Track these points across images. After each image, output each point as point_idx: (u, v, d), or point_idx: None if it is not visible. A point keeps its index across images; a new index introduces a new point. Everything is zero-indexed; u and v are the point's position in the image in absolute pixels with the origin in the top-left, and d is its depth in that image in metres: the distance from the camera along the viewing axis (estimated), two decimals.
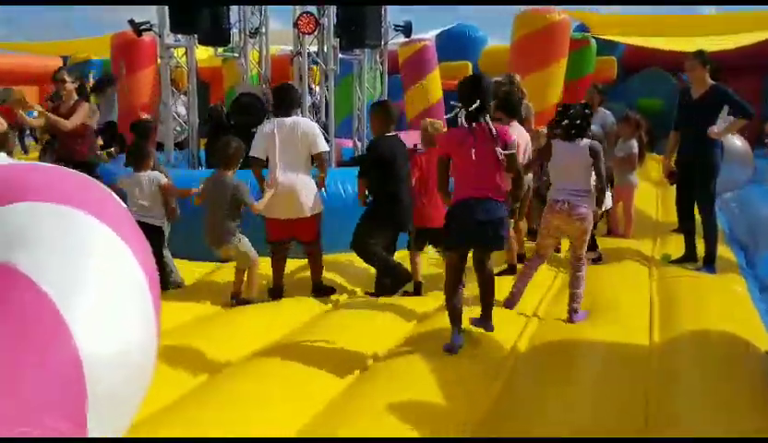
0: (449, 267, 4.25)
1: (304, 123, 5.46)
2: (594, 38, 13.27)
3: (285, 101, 5.46)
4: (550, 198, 4.99)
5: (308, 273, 5.69)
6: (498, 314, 4.46)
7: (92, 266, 2.13)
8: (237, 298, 5.31)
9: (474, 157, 4.00)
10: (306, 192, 5.31)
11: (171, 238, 5.81)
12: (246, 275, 5.37)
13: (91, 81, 11.39)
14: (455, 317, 4.17)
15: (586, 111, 4.89)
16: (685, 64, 6.15)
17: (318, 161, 5.43)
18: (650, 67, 15.71)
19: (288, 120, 5.35)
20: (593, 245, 6.29)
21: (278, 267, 5.50)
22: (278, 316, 4.93)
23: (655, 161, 9.81)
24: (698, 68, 6.01)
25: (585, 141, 4.87)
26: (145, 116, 8.67)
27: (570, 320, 4.85)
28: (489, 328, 4.33)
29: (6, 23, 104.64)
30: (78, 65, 16.84)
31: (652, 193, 8.34)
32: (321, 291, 5.49)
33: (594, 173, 4.87)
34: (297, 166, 5.30)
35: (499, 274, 6.01)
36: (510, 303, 5.02)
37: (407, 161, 5.48)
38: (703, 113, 5.92)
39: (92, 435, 1.90)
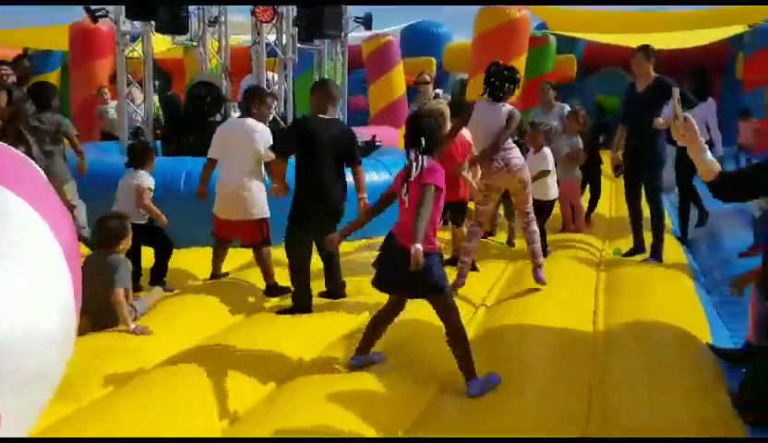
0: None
1: (253, 125, 5.26)
2: (554, 35, 13.45)
3: (244, 102, 5.46)
4: (484, 161, 5.21)
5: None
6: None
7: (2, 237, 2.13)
8: None
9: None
10: (248, 195, 5.21)
11: None
12: None
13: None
14: (366, 340, 3.87)
15: (507, 72, 5.10)
16: (632, 59, 6.32)
17: (270, 170, 5.33)
18: (609, 66, 15.99)
19: (239, 121, 5.34)
20: (543, 238, 6.42)
21: (217, 257, 5.52)
22: (210, 314, 4.74)
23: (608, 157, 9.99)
24: (643, 63, 6.18)
25: (507, 106, 5.14)
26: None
27: (537, 277, 5.18)
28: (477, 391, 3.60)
29: None
30: (37, 53, 16.47)
31: (604, 187, 8.48)
32: (274, 291, 5.27)
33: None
34: (243, 168, 5.21)
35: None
36: (460, 281, 5.15)
37: (340, 149, 4.78)
38: (648, 106, 6.07)
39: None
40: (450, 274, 4.58)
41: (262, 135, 5.21)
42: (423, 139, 3.55)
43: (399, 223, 3.65)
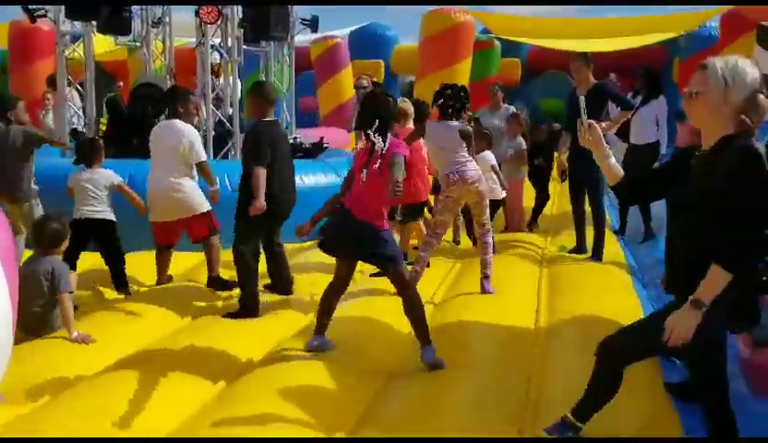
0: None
1: (178, 126, 5.29)
2: (499, 39, 13.71)
3: (169, 103, 5.51)
4: (441, 175, 5.39)
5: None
6: (393, 302, 4.45)
7: None
8: None
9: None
10: (182, 195, 5.24)
11: None
12: None
13: None
14: (320, 320, 4.09)
15: (462, 93, 5.24)
16: (570, 65, 6.52)
17: (200, 172, 5.37)
18: (552, 70, 16.36)
19: (166, 123, 5.40)
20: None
21: (161, 262, 5.51)
22: (158, 313, 4.75)
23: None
24: (582, 69, 6.38)
25: (456, 123, 5.30)
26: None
27: (483, 288, 5.26)
28: (431, 358, 3.90)
29: None
30: None
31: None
32: (217, 284, 5.36)
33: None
34: (172, 170, 5.24)
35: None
36: None
37: (284, 150, 4.99)
38: (588, 111, 6.22)
39: None
40: None
41: (188, 136, 5.25)
42: (378, 120, 3.83)
43: (353, 197, 3.92)
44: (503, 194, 6.98)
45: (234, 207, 4.89)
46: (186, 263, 6.00)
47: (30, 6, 7.58)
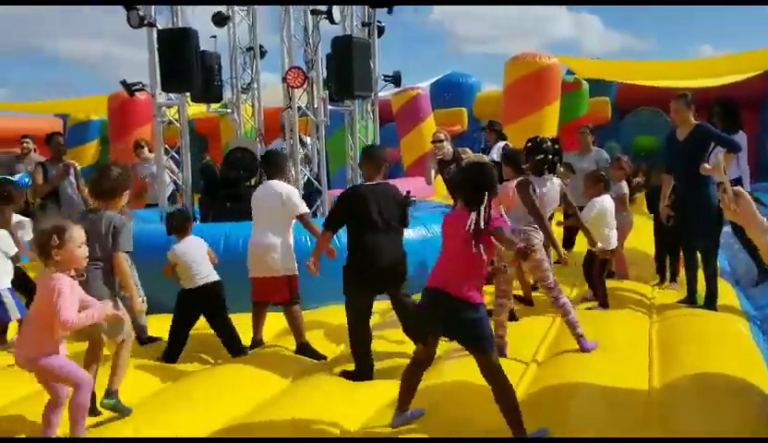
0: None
1: (279, 187, 5.43)
2: (587, 80, 13.42)
3: (268, 166, 5.64)
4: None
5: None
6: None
7: None
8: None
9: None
10: (275, 254, 5.31)
11: None
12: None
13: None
14: (404, 395, 3.89)
15: (556, 146, 4.99)
16: (670, 106, 6.18)
17: (302, 224, 5.45)
18: (643, 107, 15.85)
19: (266, 184, 5.52)
20: (603, 290, 6.27)
21: (257, 322, 5.57)
22: (256, 375, 4.80)
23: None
24: (682, 110, 6.02)
25: (558, 181, 4.98)
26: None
27: (582, 348, 4.89)
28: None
29: (5, 84, 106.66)
30: (77, 125, 17.04)
31: (648, 230, 8.21)
32: (306, 351, 5.32)
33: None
34: (270, 228, 5.36)
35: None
36: (501, 352, 4.95)
37: (391, 210, 4.85)
38: (691, 155, 5.90)
39: None
40: None
41: (287, 192, 5.37)
42: (487, 193, 3.59)
43: (444, 272, 3.68)
44: (614, 245, 6.51)
45: (321, 266, 5.03)
46: (276, 327, 5.99)
47: (127, 81, 7.96)
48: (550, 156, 5.00)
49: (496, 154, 7.97)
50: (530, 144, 5.14)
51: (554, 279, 5.12)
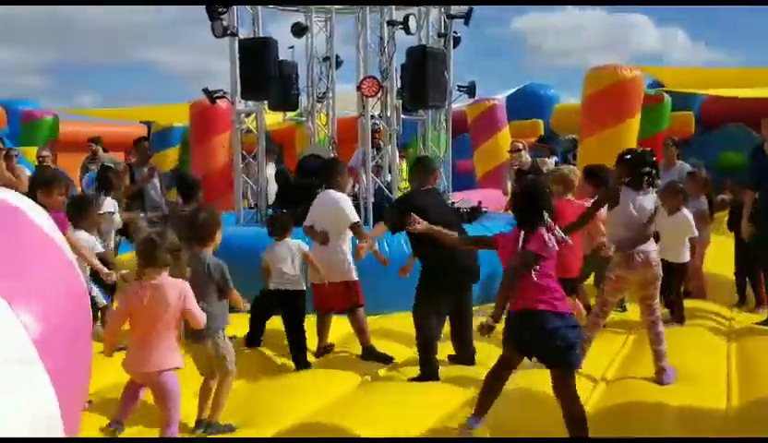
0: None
1: (333, 196, 5.53)
2: (669, 92, 12.98)
3: (324, 173, 5.77)
4: (621, 252, 4.73)
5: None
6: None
7: None
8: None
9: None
10: (332, 257, 5.41)
11: None
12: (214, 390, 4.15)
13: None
14: (482, 402, 3.88)
15: (654, 159, 4.77)
16: (762, 122, 5.90)
17: (353, 233, 5.51)
18: (729, 122, 15.21)
19: (323, 193, 5.62)
20: (680, 304, 6.08)
21: (322, 328, 5.62)
22: (324, 379, 4.89)
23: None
24: None
25: (655, 196, 4.79)
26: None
27: (660, 380, 4.63)
28: None
29: (94, 92, 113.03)
30: (160, 131, 17.71)
31: (730, 249, 7.82)
32: (372, 356, 5.38)
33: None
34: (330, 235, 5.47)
35: None
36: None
37: (448, 216, 5.02)
38: None
39: None
40: None
41: (340, 202, 5.44)
42: (545, 212, 3.61)
43: (528, 292, 3.62)
44: (687, 258, 6.29)
45: (389, 272, 5.26)
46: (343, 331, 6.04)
47: (209, 89, 8.23)
48: (654, 170, 4.74)
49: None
50: (629, 156, 4.81)
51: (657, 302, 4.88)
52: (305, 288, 5.45)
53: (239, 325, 5.43)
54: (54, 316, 2.30)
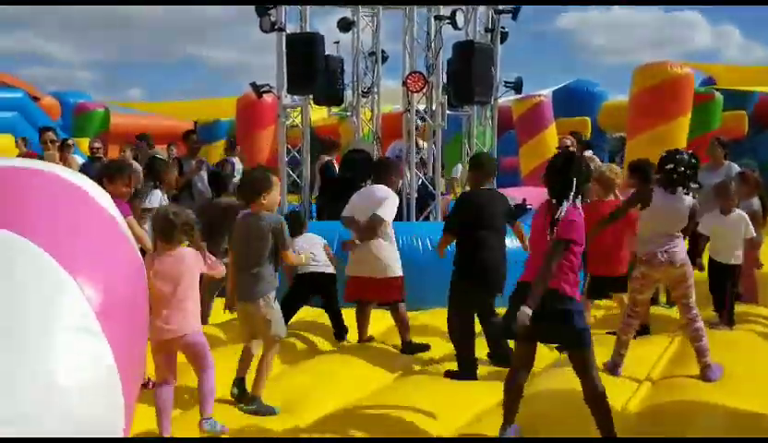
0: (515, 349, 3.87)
1: (375, 190, 5.57)
2: (722, 90, 12.64)
3: (376, 170, 5.86)
4: (647, 251, 4.70)
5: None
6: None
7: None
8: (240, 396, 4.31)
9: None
10: (380, 254, 5.41)
11: None
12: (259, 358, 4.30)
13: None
14: (509, 407, 3.71)
15: (693, 160, 4.66)
16: None
17: (372, 224, 5.50)
18: None
19: (371, 187, 5.69)
20: (731, 306, 5.95)
21: (362, 319, 5.67)
22: (363, 370, 4.93)
23: None
24: None
25: (689, 199, 4.67)
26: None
27: (706, 377, 4.56)
28: None
29: (141, 86, 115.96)
30: (206, 125, 18.02)
31: None
32: (411, 348, 5.45)
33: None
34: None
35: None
36: (612, 368, 4.74)
37: (501, 217, 5.06)
38: None
39: None
40: None
41: (382, 198, 5.45)
42: (574, 181, 3.51)
43: (532, 268, 3.61)
44: (740, 260, 6.09)
45: (431, 268, 5.41)
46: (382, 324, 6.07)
47: (256, 83, 8.34)
48: (682, 168, 4.65)
49: None
50: (665, 153, 4.79)
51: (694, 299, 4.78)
52: (335, 272, 5.60)
53: None
54: (114, 290, 2.45)
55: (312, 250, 5.54)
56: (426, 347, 5.46)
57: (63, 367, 2.14)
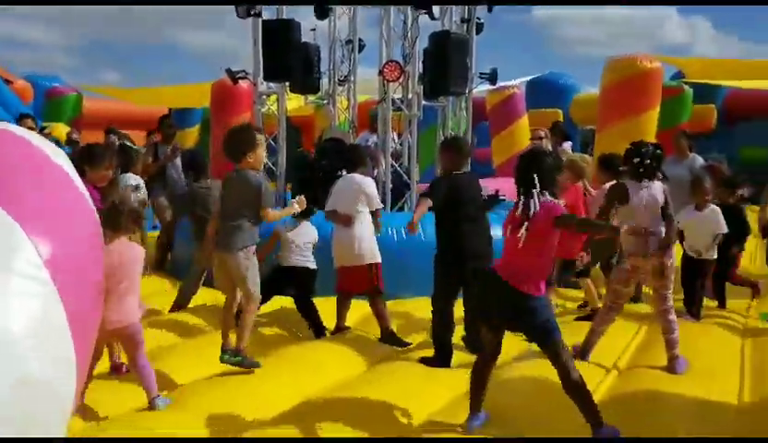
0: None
1: (352, 179, 5.66)
2: (690, 84, 12.87)
3: (349, 159, 5.93)
4: (637, 243, 4.78)
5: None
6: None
7: None
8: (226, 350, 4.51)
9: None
10: (354, 241, 5.49)
11: None
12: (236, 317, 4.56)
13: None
14: (474, 395, 3.80)
15: (658, 151, 4.80)
16: None
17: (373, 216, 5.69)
18: (753, 116, 15.08)
19: (347, 176, 5.73)
20: (700, 300, 6.08)
21: (341, 309, 5.73)
22: (338, 358, 4.98)
23: (754, 212, 9.28)
24: None
25: (658, 184, 4.78)
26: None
27: (673, 369, 4.66)
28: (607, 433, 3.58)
29: (121, 70, 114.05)
30: (181, 111, 17.81)
31: (750, 245, 7.78)
32: (391, 340, 5.50)
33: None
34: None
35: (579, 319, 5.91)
36: (583, 353, 4.86)
37: (479, 203, 5.13)
38: None
39: None
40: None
41: (365, 187, 5.56)
42: (536, 176, 3.63)
43: (507, 264, 3.67)
44: (714, 255, 6.17)
45: (406, 256, 5.63)
46: (359, 312, 6.12)
47: (232, 69, 8.29)
48: (648, 160, 4.79)
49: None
50: (630, 147, 4.93)
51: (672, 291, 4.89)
52: (315, 268, 5.67)
53: None
54: (65, 241, 2.47)
55: (306, 240, 5.64)
56: (404, 344, 5.45)
57: (12, 310, 2.20)
